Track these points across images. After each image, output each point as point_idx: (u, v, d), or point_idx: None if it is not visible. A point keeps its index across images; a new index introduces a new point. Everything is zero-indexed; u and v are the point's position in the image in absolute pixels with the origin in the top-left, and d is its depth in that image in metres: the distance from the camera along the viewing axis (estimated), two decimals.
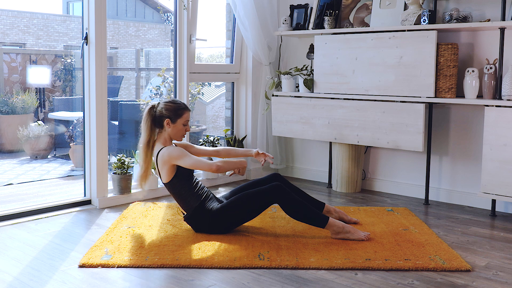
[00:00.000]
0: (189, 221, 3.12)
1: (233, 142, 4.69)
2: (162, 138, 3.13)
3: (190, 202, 3.08)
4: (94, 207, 3.73)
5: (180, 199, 3.11)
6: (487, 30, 3.75)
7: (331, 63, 4.17)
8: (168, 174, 3.06)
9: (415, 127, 3.75)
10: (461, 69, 3.81)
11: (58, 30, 10.40)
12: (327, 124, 4.20)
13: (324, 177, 4.72)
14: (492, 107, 3.46)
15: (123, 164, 3.87)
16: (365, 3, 4.22)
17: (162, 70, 5.51)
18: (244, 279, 2.50)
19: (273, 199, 3.02)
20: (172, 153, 3.02)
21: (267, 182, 3.26)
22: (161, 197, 4.06)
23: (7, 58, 6.71)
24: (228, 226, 3.09)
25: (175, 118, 3.09)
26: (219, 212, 3.04)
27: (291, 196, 3.00)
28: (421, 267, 2.63)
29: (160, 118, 3.10)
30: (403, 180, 4.29)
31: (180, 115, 3.10)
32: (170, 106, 3.10)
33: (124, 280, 2.47)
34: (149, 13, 16.57)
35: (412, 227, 3.31)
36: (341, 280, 2.50)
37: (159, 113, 3.10)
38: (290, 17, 4.55)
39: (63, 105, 6.80)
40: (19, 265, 2.65)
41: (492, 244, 3.07)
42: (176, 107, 3.11)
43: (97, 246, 2.87)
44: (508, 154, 3.40)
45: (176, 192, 3.10)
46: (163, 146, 3.09)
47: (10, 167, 5.61)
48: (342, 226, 3.03)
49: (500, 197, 3.47)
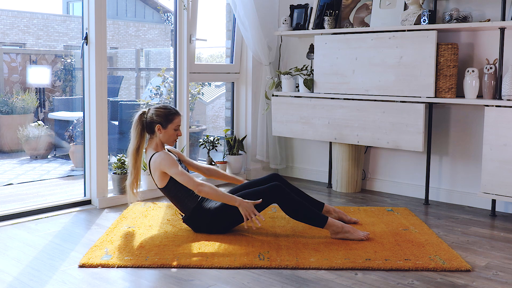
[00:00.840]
0: (188, 222, 3.12)
1: (233, 142, 4.69)
2: (154, 144, 3.12)
3: (188, 204, 3.08)
4: (94, 207, 3.73)
5: (177, 202, 3.11)
6: (487, 30, 3.75)
7: (331, 63, 4.17)
8: (161, 179, 3.06)
9: (415, 127, 3.75)
10: (461, 69, 3.81)
11: (58, 30, 10.39)
12: (327, 124, 4.20)
13: (324, 177, 4.72)
14: (492, 107, 3.46)
15: (123, 164, 3.87)
16: (365, 3, 4.22)
17: (162, 70, 5.52)
18: (244, 279, 2.50)
19: (272, 199, 3.02)
20: (163, 161, 3.01)
21: (266, 182, 3.25)
22: (161, 197, 4.06)
23: (7, 58, 6.71)
24: (226, 225, 3.09)
25: (166, 124, 3.09)
26: (217, 212, 3.04)
27: (290, 196, 3.00)
28: (421, 267, 2.63)
29: (151, 124, 3.09)
30: (403, 180, 4.29)
31: (171, 120, 3.10)
32: (161, 112, 3.10)
33: (124, 280, 2.47)
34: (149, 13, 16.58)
35: (412, 227, 3.31)
36: (341, 280, 2.50)
37: (150, 119, 3.10)
38: (290, 17, 4.55)
39: (63, 105, 6.80)
40: (19, 265, 2.65)
41: (492, 244, 3.07)
42: (167, 113, 3.10)
43: (97, 246, 2.87)
44: (508, 154, 3.40)
45: (172, 195, 3.10)
46: (155, 152, 3.08)
47: (10, 167, 5.61)
48: (341, 226, 3.03)
49: (500, 197, 3.47)
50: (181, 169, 3.02)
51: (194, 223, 3.11)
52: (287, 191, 3.02)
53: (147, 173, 3.99)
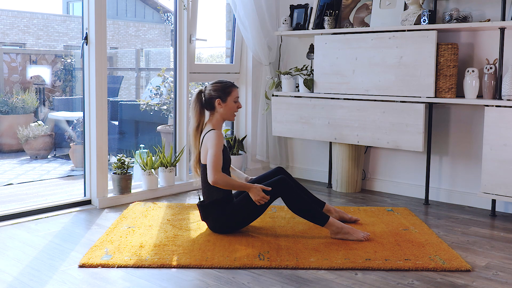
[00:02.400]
0: (202, 208, 3.12)
1: (233, 142, 4.69)
2: (214, 120, 3.15)
3: (213, 193, 3.07)
4: (94, 207, 3.73)
5: (205, 185, 3.11)
6: (487, 30, 3.75)
7: (331, 63, 4.17)
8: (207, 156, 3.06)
9: (415, 127, 3.75)
10: (461, 69, 3.81)
11: (58, 30, 10.40)
12: (327, 124, 4.20)
13: (324, 177, 4.72)
14: (492, 107, 3.46)
15: (123, 164, 3.87)
16: (365, 3, 4.22)
17: (162, 70, 5.51)
18: (244, 279, 2.50)
19: (277, 191, 3.02)
20: (215, 140, 3.02)
21: (272, 176, 3.26)
22: (161, 197, 4.06)
23: (7, 58, 6.71)
24: (238, 224, 3.09)
25: (225, 97, 3.12)
26: (230, 209, 3.05)
27: (294, 190, 3.01)
28: (421, 267, 2.63)
29: (210, 100, 3.13)
30: (403, 180, 4.29)
31: (229, 93, 3.13)
32: (218, 86, 3.13)
33: (124, 280, 2.47)
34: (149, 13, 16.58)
35: (412, 227, 3.31)
36: (341, 280, 2.50)
37: (208, 95, 3.13)
38: (290, 17, 4.55)
39: (63, 105, 6.80)
40: (19, 265, 2.65)
41: (492, 244, 3.07)
42: (224, 86, 3.14)
43: (97, 246, 2.87)
44: (508, 154, 3.40)
45: (204, 176, 3.10)
46: (212, 128, 3.10)
47: (10, 167, 5.61)
48: (341, 226, 3.03)
49: (500, 197, 3.47)
50: (220, 154, 3.00)
51: (206, 212, 3.10)
52: (292, 184, 3.03)
53: (147, 173, 3.99)
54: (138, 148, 4.20)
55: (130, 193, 3.90)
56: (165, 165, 4.11)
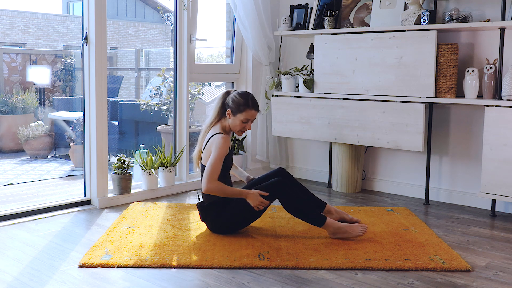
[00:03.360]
0: (201, 208, 3.12)
1: (233, 142, 4.69)
2: (226, 123, 3.17)
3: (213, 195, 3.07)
4: (94, 207, 3.73)
5: None
6: (487, 30, 3.75)
7: (331, 63, 4.17)
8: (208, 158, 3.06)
9: (415, 127, 3.75)
10: (461, 69, 3.81)
11: (58, 30, 10.40)
12: (327, 124, 4.20)
13: (324, 177, 4.72)
14: (492, 107, 3.46)
15: (123, 164, 3.87)
16: (365, 3, 4.22)
17: (162, 70, 5.51)
18: (244, 279, 2.50)
19: (274, 194, 3.02)
20: (219, 144, 3.02)
21: (272, 176, 3.26)
22: (161, 197, 4.06)
23: (7, 58, 6.71)
24: (237, 225, 3.09)
25: (236, 112, 3.12)
26: (229, 211, 3.04)
27: (291, 192, 3.01)
28: (421, 267, 2.63)
29: (225, 106, 3.16)
30: (403, 180, 4.29)
31: (241, 111, 3.12)
32: (236, 99, 3.13)
33: (124, 280, 2.47)
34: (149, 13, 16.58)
35: (412, 227, 3.31)
36: (341, 280, 2.50)
37: (227, 101, 3.16)
38: (290, 17, 4.55)
39: (63, 105, 6.80)
40: (19, 265, 2.65)
41: (492, 244, 3.07)
42: (241, 102, 3.12)
43: (97, 246, 2.87)
44: (508, 154, 3.40)
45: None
46: (220, 132, 3.11)
47: (10, 167, 5.61)
48: (339, 227, 3.03)
49: (500, 197, 3.47)
50: (219, 162, 3.00)
51: (206, 213, 3.10)
52: (289, 186, 3.03)
53: (147, 173, 3.99)
54: (138, 148, 4.20)
55: (130, 193, 3.90)
56: (165, 165, 4.11)
